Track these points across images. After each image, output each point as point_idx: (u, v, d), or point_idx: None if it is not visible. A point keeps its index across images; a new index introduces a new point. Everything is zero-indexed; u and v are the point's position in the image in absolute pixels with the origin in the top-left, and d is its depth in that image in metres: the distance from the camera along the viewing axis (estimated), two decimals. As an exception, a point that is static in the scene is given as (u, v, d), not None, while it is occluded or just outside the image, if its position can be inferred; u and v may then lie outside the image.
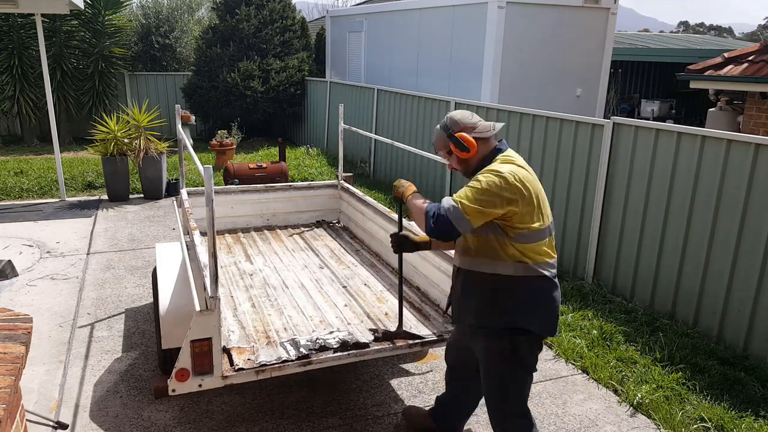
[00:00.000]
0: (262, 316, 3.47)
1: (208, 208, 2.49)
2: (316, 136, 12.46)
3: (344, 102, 10.73)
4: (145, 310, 4.77)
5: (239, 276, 4.11)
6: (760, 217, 4.06)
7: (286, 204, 5.35)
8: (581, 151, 5.48)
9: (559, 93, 8.88)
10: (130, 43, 14.23)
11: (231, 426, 3.34)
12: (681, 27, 70.13)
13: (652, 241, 4.85)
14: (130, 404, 3.51)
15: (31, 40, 11.83)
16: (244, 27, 12.57)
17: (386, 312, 3.56)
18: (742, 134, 4.29)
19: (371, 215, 4.68)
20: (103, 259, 5.91)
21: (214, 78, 12.44)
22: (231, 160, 10.12)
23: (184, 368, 2.64)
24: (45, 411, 3.39)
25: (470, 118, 2.59)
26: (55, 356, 4.04)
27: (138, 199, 8.25)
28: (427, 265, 3.75)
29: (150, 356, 4.05)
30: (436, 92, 8.82)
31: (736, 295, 4.24)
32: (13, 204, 7.94)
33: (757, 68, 7.84)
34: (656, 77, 15.38)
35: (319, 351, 2.97)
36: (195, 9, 16.31)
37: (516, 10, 8.24)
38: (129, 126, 8.25)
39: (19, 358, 2.03)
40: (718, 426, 3.44)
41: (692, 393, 3.77)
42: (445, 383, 3.11)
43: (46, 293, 5.04)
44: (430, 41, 9.60)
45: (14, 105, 11.95)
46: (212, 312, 2.64)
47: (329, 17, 13.35)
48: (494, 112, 6.67)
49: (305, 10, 27.85)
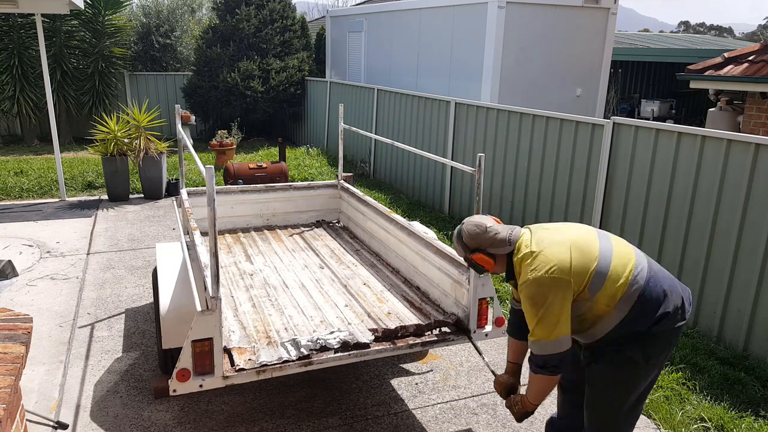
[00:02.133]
0: (263, 316, 3.46)
1: (210, 208, 2.49)
2: (316, 136, 12.46)
3: (344, 102, 10.75)
4: (145, 310, 4.77)
5: (239, 276, 4.11)
6: (760, 217, 4.06)
7: (286, 204, 5.35)
8: (581, 151, 5.48)
9: (559, 93, 8.88)
10: (130, 43, 14.23)
11: (231, 426, 3.34)
12: (681, 27, 70.13)
13: (652, 240, 4.85)
14: (130, 404, 3.51)
15: (31, 40, 11.83)
16: (244, 27, 12.57)
17: (387, 312, 3.56)
18: (742, 134, 4.29)
19: (371, 215, 4.68)
20: (103, 259, 5.91)
21: (214, 78, 12.44)
22: (231, 160, 10.12)
23: (185, 368, 2.64)
24: (45, 411, 3.39)
25: (484, 233, 2.51)
26: (55, 356, 4.04)
27: (138, 199, 8.25)
28: (427, 265, 3.75)
29: (150, 356, 4.05)
30: (436, 92, 8.82)
31: (736, 295, 4.24)
32: (13, 204, 7.94)
33: (757, 68, 7.84)
34: (656, 77, 15.38)
35: (320, 351, 2.96)
36: (195, 9, 16.31)
37: (516, 10, 8.24)
38: (129, 126, 8.25)
39: (19, 358, 2.03)
40: (718, 426, 3.44)
41: (692, 393, 3.77)
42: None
43: (46, 293, 5.04)
44: (430, 41, 9.61)
45: (14, 105, 11.95)
46: (213, 312, 2.64)
47: (329, 17, 13.36)
48: (494, 112, 6.67)
49: (305, 10, 27.84)
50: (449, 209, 7.64)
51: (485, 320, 3.25)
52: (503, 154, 6.55)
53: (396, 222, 4.21)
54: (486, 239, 2.51)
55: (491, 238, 2.51)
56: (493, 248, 2.51)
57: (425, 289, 3.81)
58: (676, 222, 4.65)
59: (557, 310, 2.30)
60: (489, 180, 6.74)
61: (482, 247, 2.52)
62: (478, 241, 2.52)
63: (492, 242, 2.51)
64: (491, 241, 2.51)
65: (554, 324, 2.30)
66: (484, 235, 2.51)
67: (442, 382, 3.88)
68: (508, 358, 2.88)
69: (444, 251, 3.52)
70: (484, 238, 2.51)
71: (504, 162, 6.55)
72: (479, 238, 2.52)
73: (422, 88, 9.54)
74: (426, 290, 3.80)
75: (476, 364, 4.12)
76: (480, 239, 2.52)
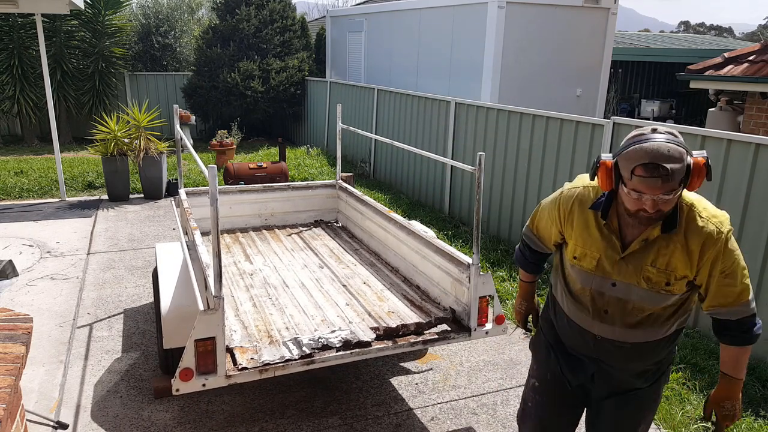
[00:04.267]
0: (264, 315, 3.46)
1: (213, 207, 2.49)
2: (317, 136, 12.46)
3: (344, 102, 10.75)
4: (145, 310, 4.77)
5: (239, 276, 4.11)
6: (760, 217, 4.06)
7: (285, 204, 5.34)
8: (581, 151, 5.48)
9: (559, 93, 8.88)
10: (130, 43, 14.24)
11: (231, 426, 3.34)
12: (681, 27, 70.16)
13: (652, 240, 4.85)
14: (130, 404, 3.51)
15: (31, 40, 11.83)
16: (244, 27, 12.57)
17: (388, 310, 3.56)
18: (742, 134, 4.29)
19: (370, 214, 4.68)
20: (103, 259, 5.91)
21: (214, 78, 12.45)
22: (231, 160, 10.12)
23: (188, 368, 2.64)
24: (45, 411, 3.39)
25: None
26: (55, 356, 4.04)
27: (138, 199, 8.25)
28: (427, 263, 3.75)
29: (150, 356, 4.05)
30: (436, 92, 8.82)
31: (736, 295, 4.24)
32: (13, 204, 7.94)
33: (757, 68, 7.84)
34: (656, 77, 15.39)
35: (321, 350, 2.97)
36: (195, 9, 16.31)
37: (516, 10, 8.25)
38: (129, 126, 8.25)
39: (19, 358, 2.03)
40: (718, 426, 3.44)
41: (692, 393, 3.77)
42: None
43: (46, 293, 5.04)
44: (430, 41, 9.61)
45: (14, 105, 11.95)
46: (216, 311, 2.64)
47: (329, 17, 13.36)
48: (494, 112, 6.67)
49: (305, 10, 27.85)
50: (449, 209, 7.64)
51: (485, 318, 3.25)
52: (503, 154, 6.55)
53: (395, 221, 4.21)
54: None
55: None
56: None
57: (425, 288, 3.81)
58: (677, 222, 4.65)
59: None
60: (489, 180, 6.74)
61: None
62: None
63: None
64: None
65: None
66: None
67: (442, 382, 3.88)
68: (522, 279, 2.53)
69: (444, 249, 3.52)
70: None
71: (504, 162, 6.54)
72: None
73: (422, 88, 9.54)
74: (426, 289, 3.80)
75: (476, 364, 4.12)
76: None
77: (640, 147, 1.77)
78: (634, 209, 1.84)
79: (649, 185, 1.75)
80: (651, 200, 1.77)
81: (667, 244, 1.91)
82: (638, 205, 1.82)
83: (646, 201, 1.78)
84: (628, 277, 1.97)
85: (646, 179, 1.75)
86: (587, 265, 2.05)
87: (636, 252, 1.95)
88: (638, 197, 1.79)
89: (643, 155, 1.75)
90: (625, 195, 1.84)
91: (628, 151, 1.79)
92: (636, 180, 1.77)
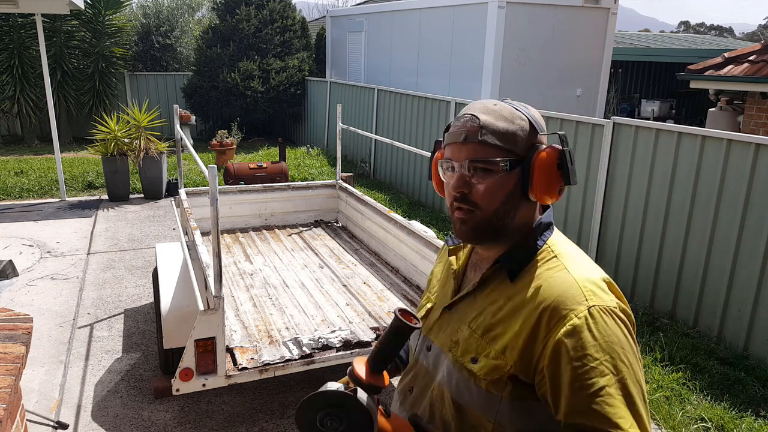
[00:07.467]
0: (264, 315, 3.47)
1: (213, 207, 2.49)
2: (317, 136, 12.46)
3: (344, 102, 10.74)
4: (145, 310, 4.77)
5: (239, 276, 4.11)
6: (760, 217, 4.06)
7: (284, 204, 5.35)
8: (581, 151, 5.48)
9: (559, 93, 8.88)
10: (130, 43, 14.23)
11: (231, 426, 3.34)
12: (681, 27, 70.14)
13: (652, 241, 4.85)
14: (130, 404, 3.51)
15: (31, 40, 11.83)
16: (244, 27, 12.57)
17: (388, 310, 3.56)
18: (742, 134, 4.29)
19: (369, 214, 4.68)
20: (103, 259, 5.91)
21: (214, 78, 12.44)
22: (231, 160, 10.12)
23: (189, 368, 2.64)
24: (45, 411, 3.39)
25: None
26: (55, 356, 4.04)
27: (138, 199, 8.25)
28: (427, 263, 3.75)
29: (150, 356, 4.05)
30: (436, 92, 8.82)
31: (736, 295, 4.24)
32: (13, 204, 7.94)
33: (758, 68, 7.84)
34: (656, 77, 15.38)
35: (321, 350, 2.97)
36: (195, 9, 16.31)
37: (516, 10, 8.24)
38: (129, 126, 8.25)
39: (20, 358, 2.03)
40: (718, 426, 3.44)
41: (692, 393, 3.77)
42: None
43: (46, 293, 5.04)
44: (430, 41, 9.61)
45: (14, 105, 11.95)
46: (216, 311, 2.64)
47: (329, 17, 13.35)
48: (494, 112, 6.66)
49: (305, 10, 27.84)
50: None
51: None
52: (503, 154, 6.54)
53: (395, 221, 4.21)
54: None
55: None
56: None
57: (425, 287, 3.81)
58: (677, 222, 4.65)
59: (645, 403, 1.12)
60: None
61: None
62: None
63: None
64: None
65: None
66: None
67: (442, 382, 3.88)
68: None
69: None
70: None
71: (504, 162, 6.53)
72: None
73: (422, 88, 9.54)
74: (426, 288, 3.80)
75: (476, 363, 4.12)
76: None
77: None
78: (448, 201, 1.23)
79: (453, 139, 1.18)
80: (457, 174, 1.17)
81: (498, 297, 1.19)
82: (449, 192, 1.21)
83: (452, 178, 1.19)
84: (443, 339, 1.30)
85: (451, 134, 1.19)
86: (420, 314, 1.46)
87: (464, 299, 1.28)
88: (448, 172, 1.21)
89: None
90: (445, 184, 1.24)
91: None
92: (446, 146, 1.22)
